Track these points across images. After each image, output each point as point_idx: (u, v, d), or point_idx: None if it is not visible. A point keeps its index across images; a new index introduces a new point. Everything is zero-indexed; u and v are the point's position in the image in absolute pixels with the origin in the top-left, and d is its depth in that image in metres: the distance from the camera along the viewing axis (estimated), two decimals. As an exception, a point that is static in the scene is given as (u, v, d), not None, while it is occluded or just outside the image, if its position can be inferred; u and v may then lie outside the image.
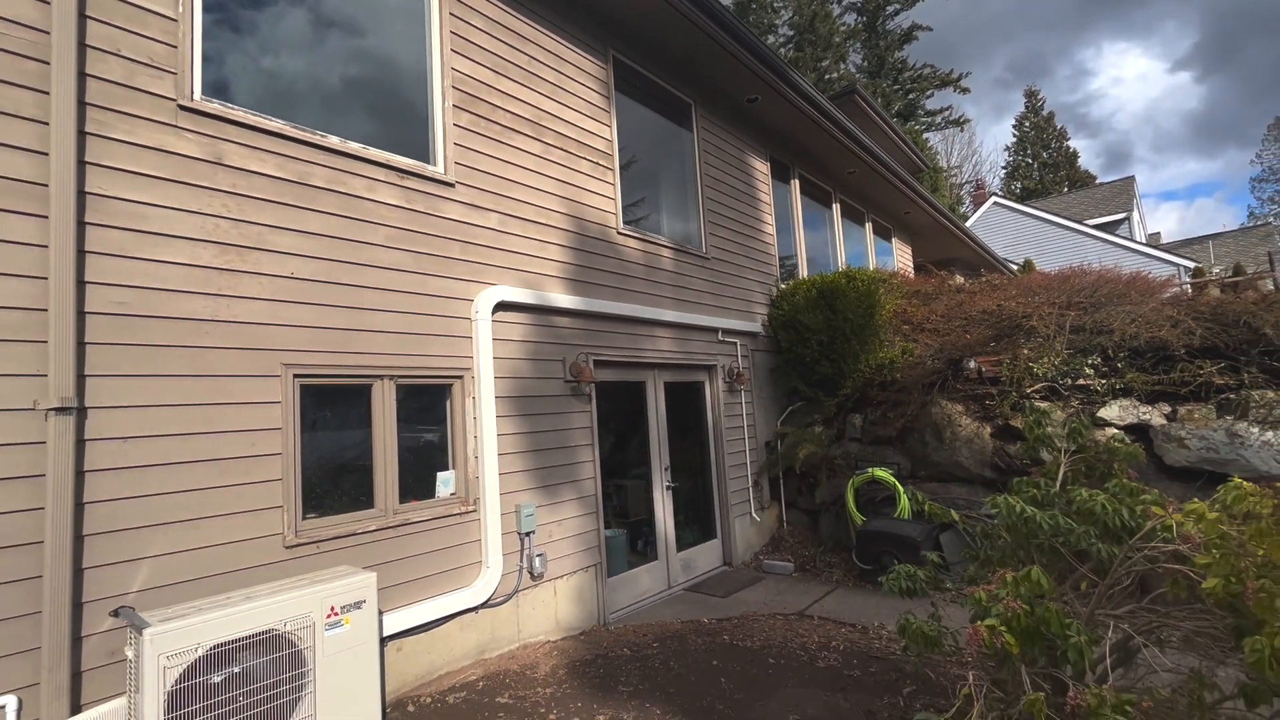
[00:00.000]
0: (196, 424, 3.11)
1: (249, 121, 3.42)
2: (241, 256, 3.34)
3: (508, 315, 4.65)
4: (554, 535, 4.78)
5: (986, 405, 6.27)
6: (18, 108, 2.72)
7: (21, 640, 2.55)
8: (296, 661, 2.84)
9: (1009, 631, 2.20)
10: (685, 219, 6.89)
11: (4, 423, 2.57)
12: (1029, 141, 41.91)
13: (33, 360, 2.66)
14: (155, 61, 3.14)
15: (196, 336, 3.15)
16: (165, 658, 2.47)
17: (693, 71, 6.81)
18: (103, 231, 2.90)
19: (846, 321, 6.88)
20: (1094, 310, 6.04)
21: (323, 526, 3.54)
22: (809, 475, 7.14)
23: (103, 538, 2.78)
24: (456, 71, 4.55)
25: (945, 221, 12.99)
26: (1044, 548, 2.81)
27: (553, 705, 3.63)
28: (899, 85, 35.19)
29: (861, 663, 4.05)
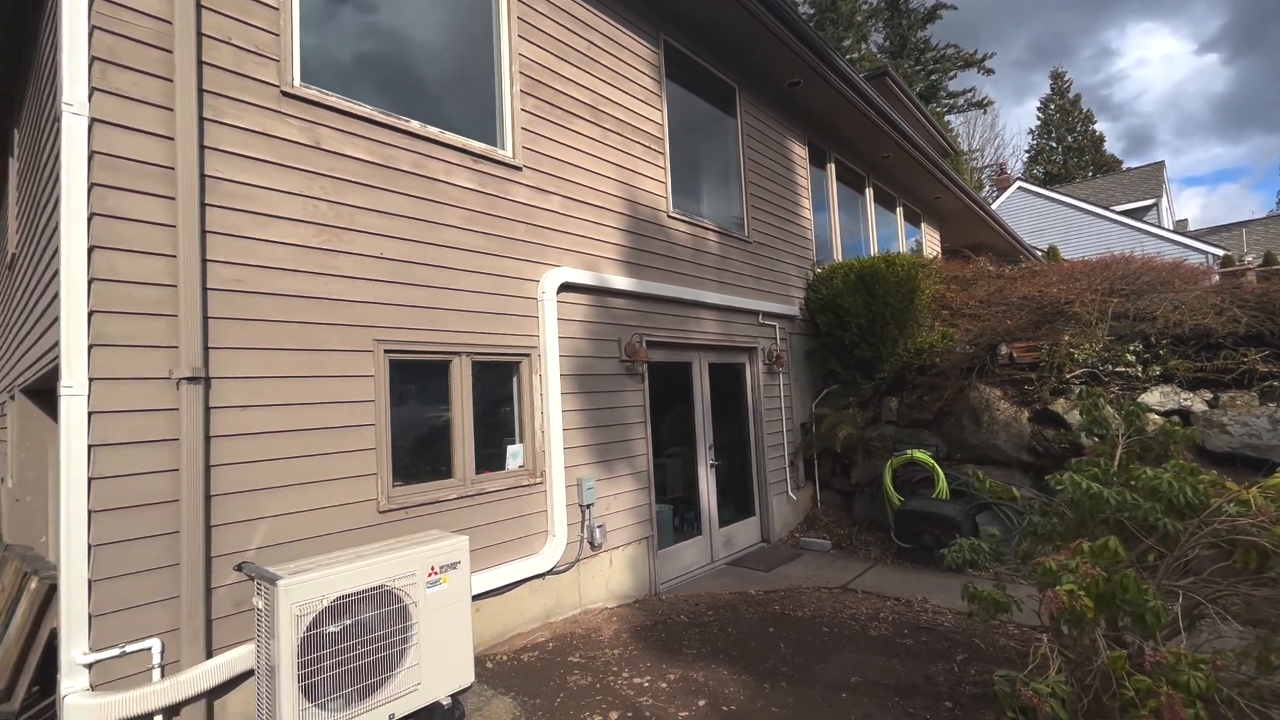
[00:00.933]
0: (301, 395, 3.30)
1: (342, 107, 3.58)
2: (338, 236, 3.51)
3: (569, 296, 4.81)
4: (611, 508, 4.99)
5: (1025, 390, 6.39)
6: (146, 94, 2.88)
7: (162, 590, 2.78)
8: (403, 615, 3.06)
9: (1087, 595, 2.37)
10: (728, 203, 6.99)
11: (145, 390, 2.78)
12: (1054, 125, 41.15)
13: (166, 333, 2.85)
14: (261, 49, 3.29)
15: (300, 312, 3.33)
16: (297, 607, 2.69)
17: (738, 55, 6.86)
18: (219, 212, 3.08)
19: (886, 306, 6.98)
20: (1136, 297, 6.11)
21: (410, 494, 3.75)
22: (845, 456, 7.30)
23: (227, 498, 2.99)
24: (523, 57, 4.66)
25: (975, 206, 12.96)
26: (1109, 522, 2.96)
27: (623, 665, 3.86)
28: (921, 66, 34.63)
29: (912, 632, 4.24)
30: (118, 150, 2.79)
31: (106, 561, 2.65)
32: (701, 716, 3.23)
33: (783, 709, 3.27)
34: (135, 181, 2.83)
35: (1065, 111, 41.23)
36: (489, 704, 3.39)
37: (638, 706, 3.34)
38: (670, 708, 3.32)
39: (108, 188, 2.76)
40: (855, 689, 3.47)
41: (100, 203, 2.73)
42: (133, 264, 2.80)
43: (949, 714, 3.16)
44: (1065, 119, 41.09)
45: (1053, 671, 2.38)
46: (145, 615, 2.74)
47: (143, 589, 2.73)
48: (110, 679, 2.65)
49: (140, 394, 2.78)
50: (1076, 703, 2.35)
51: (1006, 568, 3.57)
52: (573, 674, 3.76)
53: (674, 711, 3.28)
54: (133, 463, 2.74)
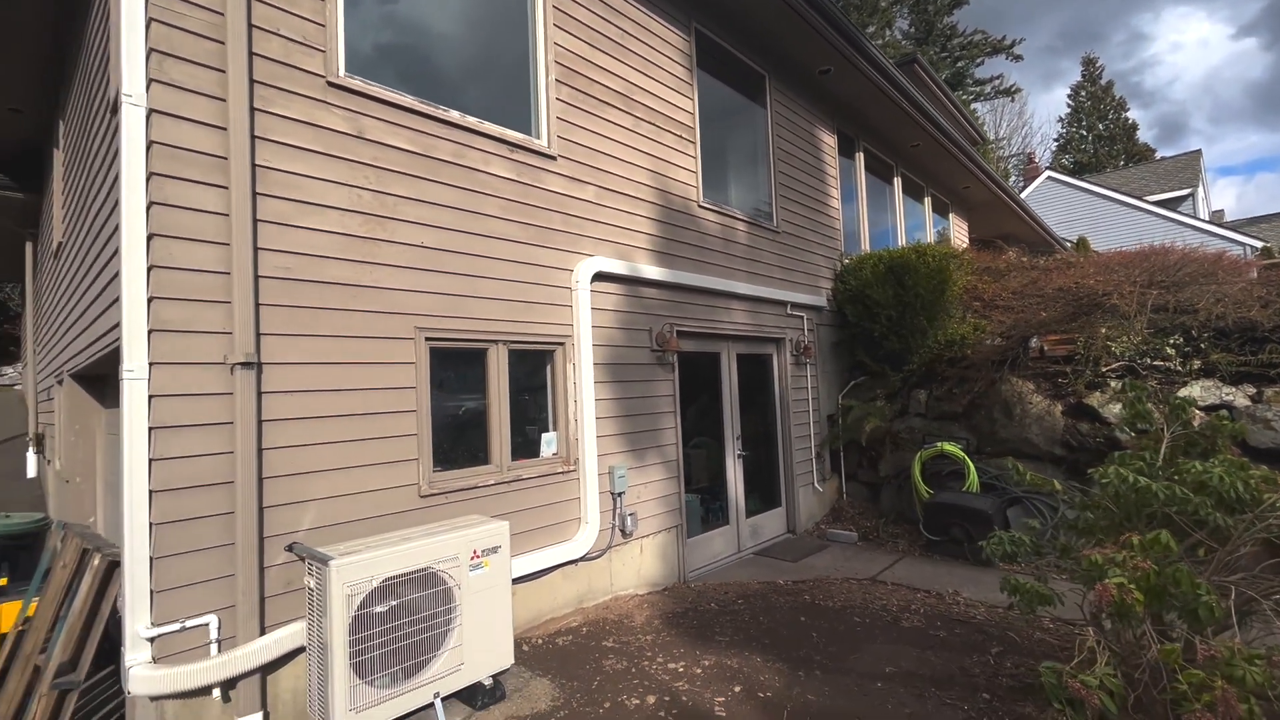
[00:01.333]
0: (346, 381, 3.37)
1: (385, 96, 3.62)
2: (381, 225, 3.56)
3: (602, 285, 4.84)
4: (641, 496, 5.03)
5: (1058, 383, 6.29)
6: (200, 85, 2.95)
7: (219, 568, 2.87)
8: (446, 597, 3.13)
9: (1137, 589, 2.35)
10: (757, 192, 6.95)
11: (201, 375, 2.86)
12: (1084, 112, 40.10)
13: (220, 319, 2.93)
14: (307, 40, 3.34)
15: (345, 300, 3.40)
16: (348, 587, 2.77)
17: (769, 43, 6.79)
18: (269, 201, 3.14)
19: (917, 297, 6.91)
20: (1177, 289, 5.98)
21: (449, 479, 3.82)
22: (872, 448, 7.27)
23: (278, 480, 3.08)
24: (558, 46, 4.67)
25: (1004, 196, 12.72)
26: (1155, 517, 2.92)
27: (657, 650, 3.90)
28: (947, 53, 33.91)
29: (944, 625, 4.23)
30: (174, 140, 2.86)
31: (167, 540, 2.74)
32: (738, 702, 3.26)
33: (819, 696, 3.30)
34: (191, 171, 2.90)
35: (1097, 99, 40.15)
36: (528, 685, 3.45)
37: (674, 691, 3.39)
38: (706, 693, 3.36)
39: (165, 177, 2.83)
40: (890, 678, 3.48)
41: (159, 192, 2.81)
42: (189, 252, 2.87)
43: (987, 705, 3.16)
44: (1097, 106, 40.02)
45: (1100, 664, 2.37)
46: (203, 592, 2.83)
47: (200, 567, 2.83)
48: (171, 652, 2.75)
49: (197, 378, 2.86)
50: (1125, 695, 2.33)
51: (1045, 561, 3.54)
52: (608, 658, 3.81)
53: (710, 696, 3.32)
54: (190, 445, 2.83)
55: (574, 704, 3.28)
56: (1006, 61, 33.83)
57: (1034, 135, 44.51)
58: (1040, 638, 3.97)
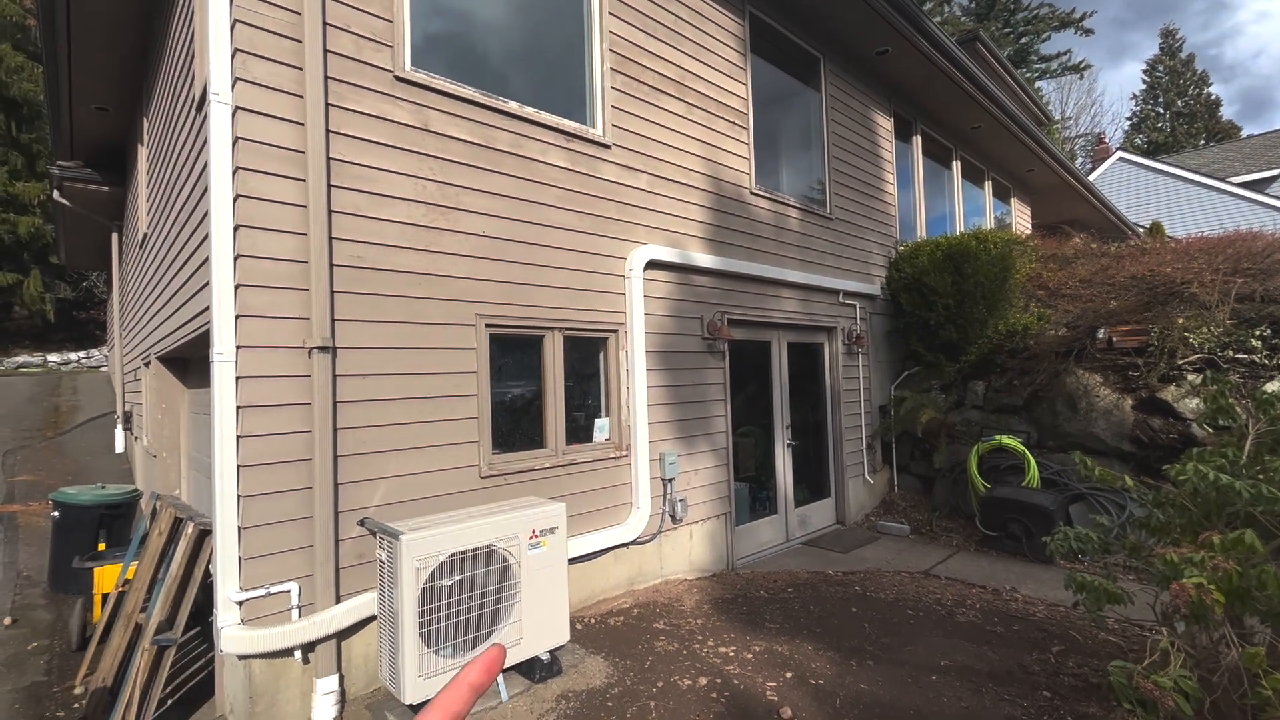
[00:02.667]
0: (412, 365, 3.52)
1: (447, 89, 3.72)
2: (445, 215, 3.68)
3: (655, 273, 4.87)
4: (691, 483, 5.07)
5: (1129, 376, 6.01)
6: (280, 82, 3.10)
7: (299, 539, 3.06)
8: (507, 574, 3.25)
9: (1217, 590, 2.26)
10: (810, 178, 6.83)
11: (282, 358, 3.04)
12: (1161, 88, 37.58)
13: (299, 305, 3.10)
14: (376, 35, 3.46)
15: (411, 288, 3.53)
16: (417, 561, 2.91)
17: (823, 24, 6.63)
18: (342, 193, 3.29)
19: (977, 286, 6.68)
20: (1266, 277, 5.61)
21: (507, 461, 3.95)
22: (925, 440, 7.10)
23: (351, 459, 3.25)
24: (613, 34, 4.69)
25: (1072, 180, 12.10)
26: (1238, 516, 2.79)
27: (707, 634, 3.96)
28: (1010, 28, 32.29)
29: (1002, 621, 4.14)
30: (257, 136, 3.02)
31: (253, 511, 2.94)
32: (789, 688, 3.29)
33: (871, 686, 3.29)
34: (272, 165, 3.06)
35: (1176, 73, 37.56)
36: (583, 662, 3.56)
37: (725, 674, 3.44)
38: (758, 677, 3.40)
39: (250, 171, 3.00)
40: (945, 671, 3.44)
41: (243, 185, 2.98)
42: (271, 242, 3.04)
43: (1048, 703, 3.10)
44: (1175, 82, 37.45)
45: (1175, 665, 2.29)
46: (285, 561, 3.03)
47: (283, 537, 3.02)
48: (257, 615, 2.95)
49: (279, 361, 3.04)
50: (1201, 699, 2.26)
51: (1113, 560, 3.42)
52: (659, 640, 3.89)
53: (761, 681, 3.36)
54: (273, 423, 3.01)
55: (628, 682, 3.37)
56: (1075, 36, 31.96)
57: (1104, 114, 42.03)
58: (1105, 639, 3.84)
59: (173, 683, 3.70)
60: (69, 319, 21.68)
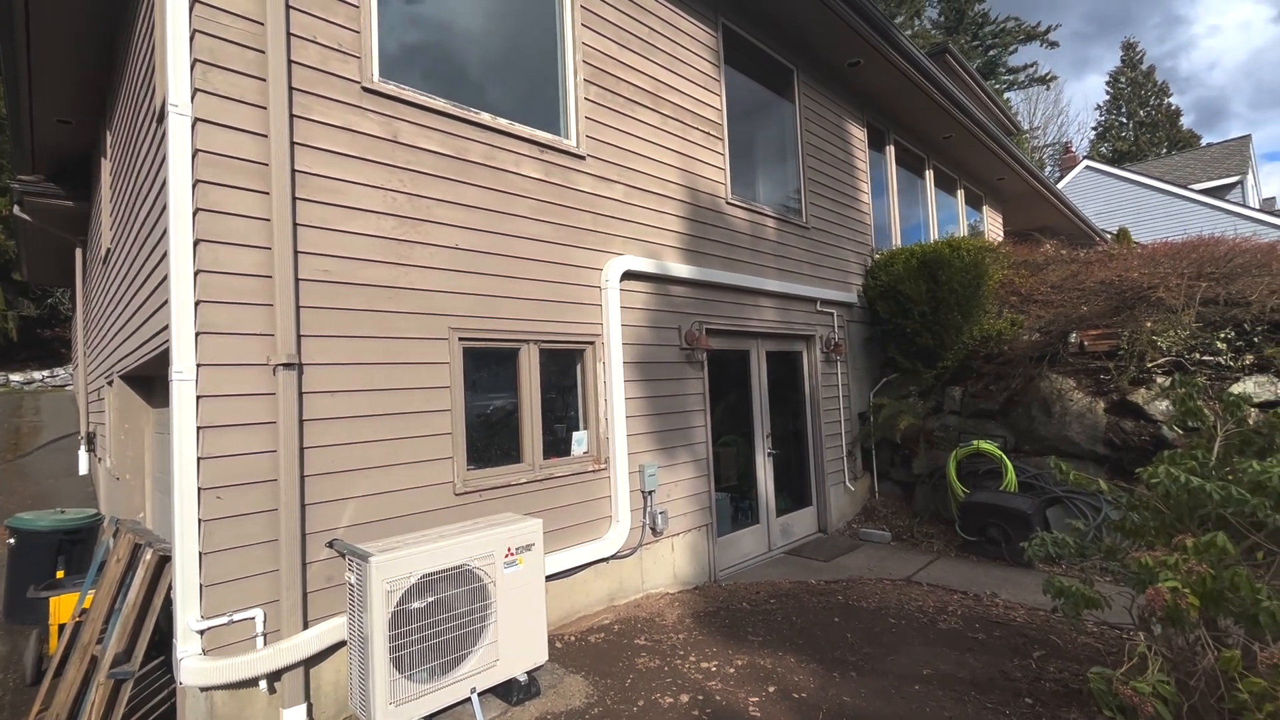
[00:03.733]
0: (383, 381, 3.44)
1: (417, 100, 3.67)
2: (416, 228, 3.62)
3: (632, 284, 4.84)
4: (672, 495, 5.02)
5: (1100, 380, 6.10)
6: (242, 93, 3.03)
7: (264, 563, 2.95)
8: (482, 594, 3.17)
9: (1192, 593, 2.27)
10: (786, 188, 6.87)
11: (245, 376, 2.95)
12: (1124, 99, 38.76)
13: (263, 321, 3.01)
14: (343, 46, 3.40)
15: (381, 302, 3.46)
16: (387, 583, 2.82)
17: (796, 36, 6.71)
18: (308, 206, 3.21)
19: (951, 292, 6.76)
20: (1228, 281, 5.75)
21: (482, 477, 3.87)
22: (904, 447, 7.14)
23: (318, 478, 3.15)
24: (586, 45, 4.68)
25: (1040, 188, 12.37)
26: (1209, 518, 2.82)
27: (689, 649, 3.90)
28: (979, 41, 33.15)
29: (983, 627, 4.14)
30: (218, 148, 2.94)
31: (215, 535, 2.83)
32: (772, 702, 3.24)
33: (855, 698, 3.26)
34: (234, 178, 2.98)
35: (1137, 84, 38.78)
36: (562, 682, 3.48)
37: (707, 690, 3.38)
38: (740, 693, 3.35)
39: (210, 184, 2.91)
40: (928, 681, 3.42)
41: (204, 198, 2.89)
42: (233, 256, 2.96)
43: (1030, 710, 3.09)
44: (1137, 92, 38.65)
45: (1153, 670, 2.29)
46: (249, 586, 2.91)
47: (246, 562, 2.91)
48: (220, 645, 2.83)
49: (241, 379, 2.94)
50: (1179, 703, 2.26)
51: (1090, 563, 3.44)
52: (640, 656, 3.82)
53: (744, 697, 3.31)
54: (236, 444, 2.91)
55: (608, 701, 3.29)
56: (1041, 48, 32.90)
57: (1070, 124, 43.17)
58: (1084, 643, 3.86)
59: (133, 716, 3.54)
60: (32, 337, 21.03)
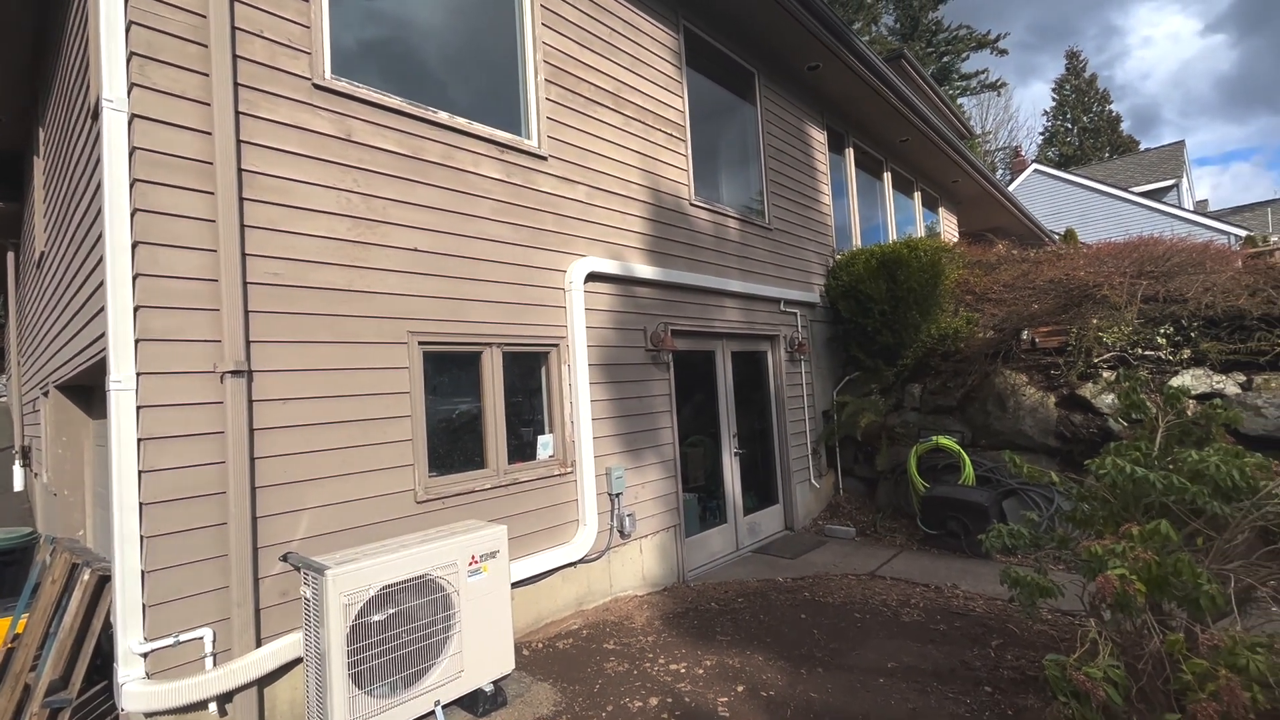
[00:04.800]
0: (339, 387, 3.33)
1: (372, 98, 3.57)
2: (370, 229, 3.52)
3: (596, 285, 4.81)
4: (639, 497, 5.00)
5: (1051, 375, 6.33)
6: (183, 89, 2.89)
7: (212, 580, 2.82)
8: (445, 604, 3.09)
9: (1139, 580, 2.35)
10: (748, 190, 6.94)
11: (190, 384, 2.81)
12: (1069, 105, 40.43)
13: (209, 327, 2.88)
14: (292, 42, 3.29)
15: (337, 305, 3.35)
16: (345, 596, 2.73)
17: (757, 40, 6.78)
18: (256, 206, 3.09)
19: (909, 291, 6.92)
20: (1167, 279, 6.02)
21: (445, 484, 3.78)
22: (867, 444, 7.28)
23: (271, 490, 3.03)
24: (547, 45, 4.63)
25: (993, 190, 12.79)
26: (1152, 506, 2.93)
27: (658, 651, 3.88)
28: (933, 48, 34.13)
29: (944, 618, 4.24)
30: (158, 146, 2.81)
31: (158, 553, 2.69)
32: (741, 701, 3.25)
33: (822, 694, 3.29)
34: (175, 177, 2.85)
35: (1081, 92, 40.50)
36: (529, 690, 3.42)
37: (676, 692, 3.37)
38: (709, 693, 3.34)
39: (149, 183, 2.77)
40: (892, 674, 3.48)
41: (142, 199, 2.75)
42: (175, 259, 2.82)
43: (989, 698, 3.16)
44: (1081, 99, 40.37)
45: (1104, 655, 2.37)
46: (197, 605, 2.78)
47: (193, 579, 2.78)
48: (165, 667, 2.70)
49: (186, 388, 2.81)
50: (1128, 686, 2.33)
51: (1043, 553, 3.55)
52: (609, 660, 3.79)
53: (713, 697, 3.31)
54: (181, 456, 2.78)
55: (576, 708, 3.25)
56: (991, 56, 34.05)
57: (1020, 129, 44.77)
58: (1040, 629, 3.98)
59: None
60: (-38, 346, 19.81)
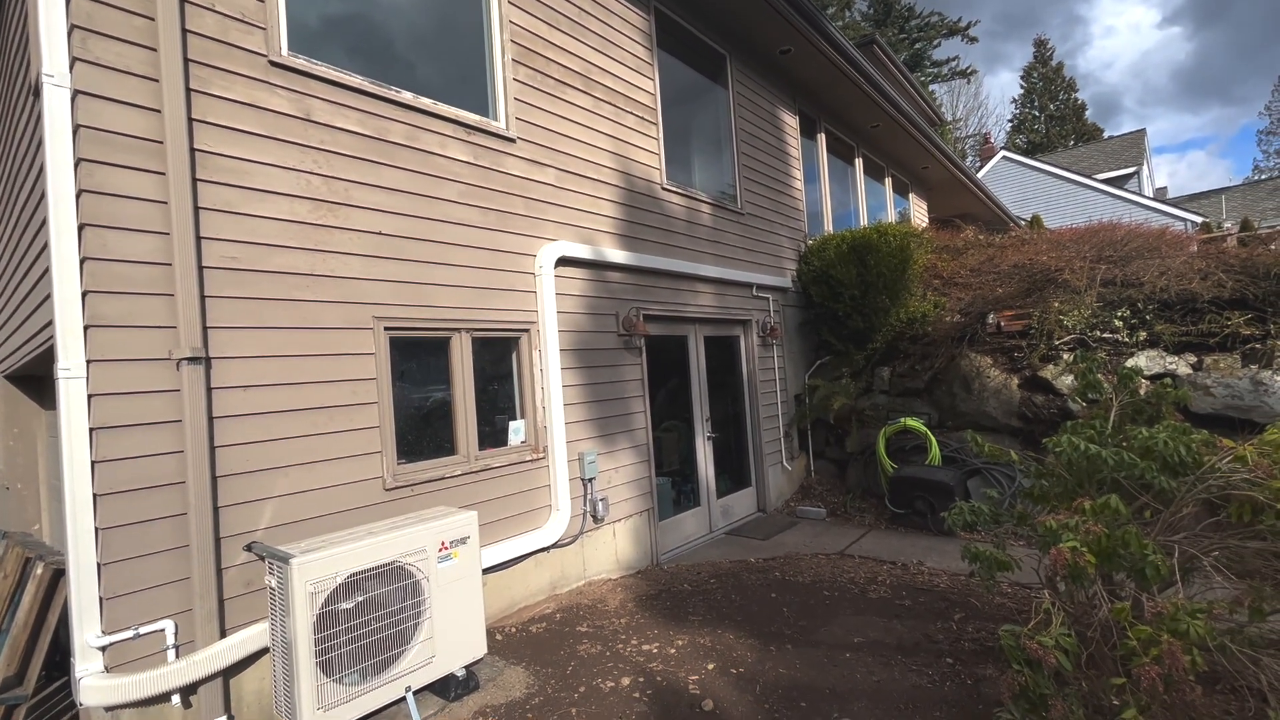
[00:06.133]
0: (303, 374, 3.27)
1: (331, 77, 3.47)
2: (333, 212, 3.43)
3: (567, 270, 4.77)
4: (612, 481, 5.02)
5: (1014, 357, 6.49)
6: (129, 64, 2.78)
7: (173, 571, 2.77)
8: (415, 590, 3.08)
9: (1090, 552, 2.44)
10: (721, 174, 6.93)
11: (144, 372, 2.73)
12: (1037, 93, 41.11)
13: (163, 312, 2.79)
14: (246, 16, 3.17)
15: (298, 290, 3.27)
16: (311, 585, 2.70)
17: (729, 22, 6.74)
18: (211, 188, 3.00)
19: (879, 276, 7.01)
20: (1124, 264, 6.20)
21: (415, 471, 3.75)
22: (838, 426, 7.40)
23: (233, 479, 2.97)
24: (514, 24, 4.54)
25: (962, 176, 12.98)
26: (1105, 482, 3.04)
27: (631, 633, 3.93)
28: (905, 34, 34.33)
29: (910, 594, 4.36)
30: (103, 124, 2.69)
31: (115, 545, 2.63)
32: (711, 679, 3.31)
33: (790, 669, 3.36)
34: (124, 156, 2.74)
35: (1048, 80, 41.18)
36: (502, 674, 3.44)
37: (649, 671, 3.41)
38: (680, 671, 3.40)
39: (95, 163, 2.66)
40: (858, 648, 3.57)
41: (88, 179, 2.64)
42: (125, 242, 2.72)
43: (950, 669, 3.27)
44: (1048, 87, 41.07)
45: (1056, 625, 2.46)
46: (157, 597, 2.73)
47: (153, 571, 2.72)
48: (125, 660, 2.64)
49: (140, 376, 2.73)
50: (1079, 653, 2.43)
51: (1003, 529, 3.66)
52: (582, 643, 3.82)
53: (684, 675, 3.36)
54: (136, 445, 2.70)
55: (548, 690, 3.27)
56: (961, 43, 34.42)
57: (989, 116, 45.47)
58: (1000, 602, 4.12)
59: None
60: (-95, 337, 18.89)
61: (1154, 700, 2.21)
